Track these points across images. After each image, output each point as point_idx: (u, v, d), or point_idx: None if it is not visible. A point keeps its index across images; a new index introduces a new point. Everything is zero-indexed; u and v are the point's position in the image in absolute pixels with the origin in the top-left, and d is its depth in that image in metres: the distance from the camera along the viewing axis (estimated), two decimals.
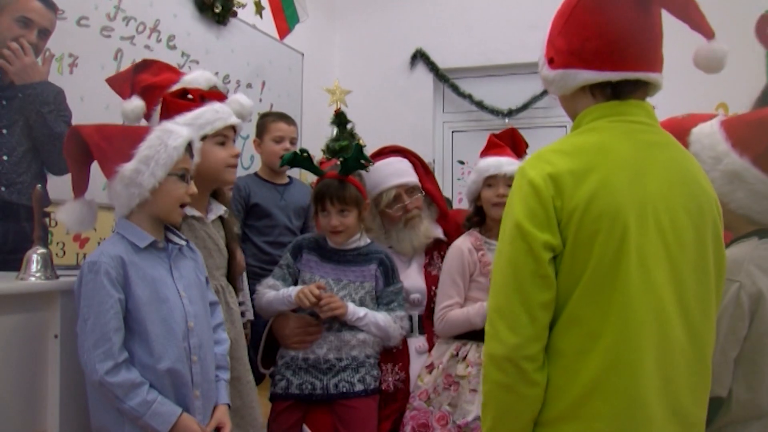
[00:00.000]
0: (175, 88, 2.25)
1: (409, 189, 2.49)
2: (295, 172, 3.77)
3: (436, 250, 2.53)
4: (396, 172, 2.51)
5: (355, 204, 2.29)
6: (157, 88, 2.30)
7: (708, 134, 1.74)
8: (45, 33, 2.78)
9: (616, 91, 1.38)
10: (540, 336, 1.26)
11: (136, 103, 2.24)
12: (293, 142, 3.39)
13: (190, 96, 2.12)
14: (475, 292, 2.34)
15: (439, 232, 2.56)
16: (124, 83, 2.37)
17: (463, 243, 2.39)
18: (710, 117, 1.86)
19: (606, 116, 1.37)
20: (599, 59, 1.35)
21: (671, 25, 1.46)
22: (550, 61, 1.43)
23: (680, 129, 1.79)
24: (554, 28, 1.45)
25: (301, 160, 2.33)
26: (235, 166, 2.17)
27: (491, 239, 2.39)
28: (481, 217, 2.43)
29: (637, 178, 1.31)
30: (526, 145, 2.53)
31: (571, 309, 1.27)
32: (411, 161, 2.60)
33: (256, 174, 3.42)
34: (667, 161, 1.36)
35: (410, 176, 2.53)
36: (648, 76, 1.37)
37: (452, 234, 2.52)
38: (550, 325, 1.29)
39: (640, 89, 1.39)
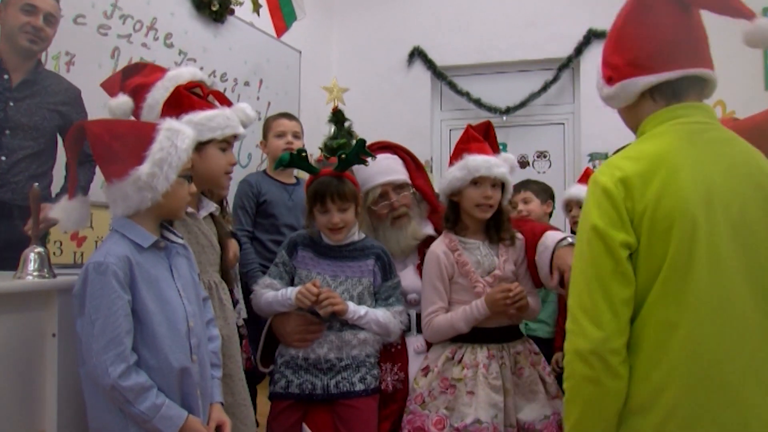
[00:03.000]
0: (160, 83, 2.25)
1: (397, 186, 2.47)
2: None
3: (427, 247, 2.49)
4: (382, 170, 2.48)
5: (353, 199, 2.29)
6: (145, 87, 2.31)
7: None
8: (51, 18, 2.82)
9: (675, 91, 1.46)
10: (623, 330, 1.34)
11: (123, 99, 2.23)
12: (297, 136, 3.40)
13: (198, 90, 2.12)
14: (459, 294, 2.33)
15: (429, 230, 2.54)
16: (114, 85, 2.38)
17: (438, 247, 2.36)
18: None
19: (667, 120, 1.46)
20: (655, 62, 1.45)
21: None
22: (609, 80, 1.51)
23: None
24: (605, 51, 1.55)
25: (298, 160, 2.31)
26: (230, 173, 2.19)
27: (467, 238, 2.37)
28: (456, 215, 2.38)
29: (701, 174, 1.38)
30: (498, 145, 2.49)
31: (651, 302, 1.35)
32: (401, 157, 2.57)
33: (264, 172, 3.42)
34: (731, 155, 1.43)
35: (397, 174, 2.50)
36: (702, 72, 1.47)
37: (442, 229, 2.49)
38: (631, 319, 1.37)
39: (694, 88, 1.47)
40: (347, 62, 6.12)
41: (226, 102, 2.21)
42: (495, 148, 2.44)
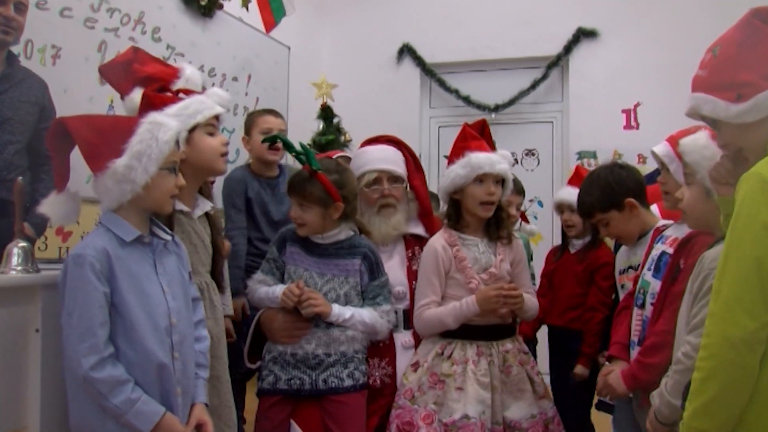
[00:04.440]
0: (179, 85, 2.23)
1: (392, 177, 2.50)
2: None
3: (418, 245, 2.53)
4: (383, 158, 2.53)
5: (317, 202, 2.25)
6: (156, 81, 2.27)
7: (705, 146, 1.86)
8: (21, 7, 2.76)
9: None
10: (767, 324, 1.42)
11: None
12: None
13: (168, 93, 2.11)
14: (454, 289, 2.34)
15: (418, 229, 2.57)
16: (123, 80, 2.33)
17: (437, 241, 2.38)
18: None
19: None
20: None
21: (658, 25, 1.50)
22: (738, 98, 1.56)
23: None
24: (723, 74, 1.59)
25: (285, 141, 2.34)
26: (226, 154, 2.16)
27: (466, 234, 2.38)
28: (457, 212, 2.41)
29: None
30: (493, 142, 2.52)
31: None
32: (404, 155, 2.61)
33: (249, 167, 3.35)
34: None
35: (397, 166, 2.53)
36: None
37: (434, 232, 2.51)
38: None
39: None
40: (336, 58, 6.10)
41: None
42: (491, 145, 2.46)
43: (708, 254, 1.73)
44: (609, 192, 2.45)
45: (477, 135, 2.43)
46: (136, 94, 2.17)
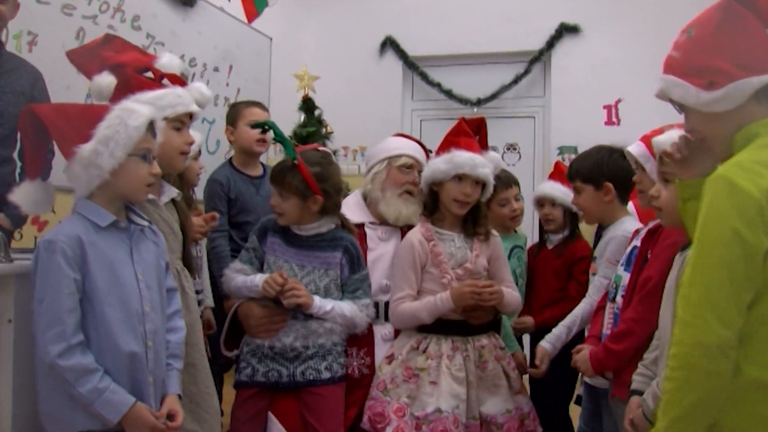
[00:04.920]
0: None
1: (420, 171, 2.58)
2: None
3: None
4: (418, 151, 2.64)
5: (295, 193, 2.25)
6: (127, 68, 2.23)
7: None
8: None
9: None
10: (738, 330, 1.40)
11: (110, 79, 2.10)
12: None
13: (150, 75, 2.07)
14: (429, 284, 2.34)
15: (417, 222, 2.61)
16: (91, 62, 2.28)
17: (414, 235, 2.38)
18: None
19: None
20: (764, 64, 1.48)
21: (640, 22, 1.49)
22: (710, 85, 1.51)
23: None
24: (696, 59, 1.55)
25: (273, 128, 2.32)
26: (187, 153, 2.14)
27: (443, 229, 2.39)
28: (434, 204, 2.42)
29: None
30: (487, 142, 2.55)
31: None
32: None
33: (231, 164, 3.29)
34: None
35: (424, 163, 2.62)
36: None
37: None
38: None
39: None
40: (319, 50, 6.07)
41: (180, 84, 2.15)
42: (484, 144, 2.48)
43: (690, 254, 1.74)
44: (597, 169, 2.50)
45: (469, 132, 2.43)
46: (104, 78, 2.09)
